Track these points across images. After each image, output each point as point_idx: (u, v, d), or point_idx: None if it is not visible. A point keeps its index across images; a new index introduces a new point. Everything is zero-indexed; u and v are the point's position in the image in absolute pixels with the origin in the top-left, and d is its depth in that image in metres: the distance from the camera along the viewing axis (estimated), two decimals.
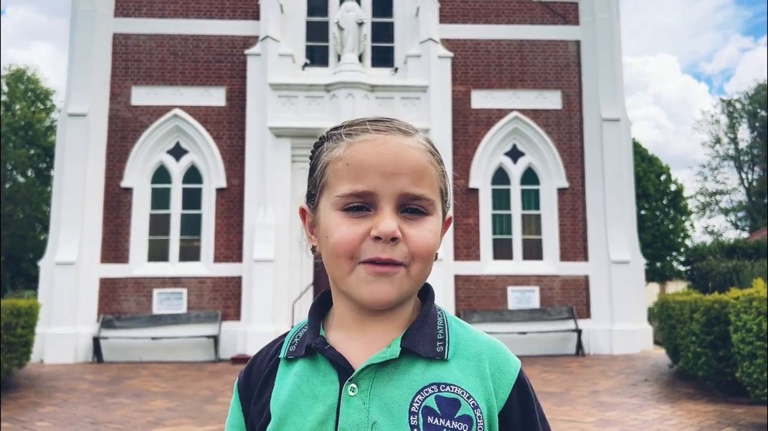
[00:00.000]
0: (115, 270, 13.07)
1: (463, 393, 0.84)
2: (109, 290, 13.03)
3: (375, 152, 0.85)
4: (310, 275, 13.07)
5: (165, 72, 13.68)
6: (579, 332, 12.80)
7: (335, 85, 13.03)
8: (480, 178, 13.62)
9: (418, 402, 0.82)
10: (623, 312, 13.00)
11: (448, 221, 0.95)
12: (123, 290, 13.05)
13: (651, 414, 6.59)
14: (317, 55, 14.25)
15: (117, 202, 13.31)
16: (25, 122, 25.05)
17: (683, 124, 65.20)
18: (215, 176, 13.45)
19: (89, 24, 13.41)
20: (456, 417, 0.81)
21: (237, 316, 12.85)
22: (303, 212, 0.96)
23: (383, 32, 14.35)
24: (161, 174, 13.63)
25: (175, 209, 13.51)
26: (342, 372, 0.85)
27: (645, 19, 76.07)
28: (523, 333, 12.74)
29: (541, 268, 13.49)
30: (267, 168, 12.93)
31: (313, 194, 0.92)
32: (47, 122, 27.04)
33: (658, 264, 28.16)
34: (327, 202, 0.88)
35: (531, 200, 13.87)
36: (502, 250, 13.61)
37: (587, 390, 8.25)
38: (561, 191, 13.74)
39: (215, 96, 13.68)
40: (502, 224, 13.73)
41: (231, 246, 13.22)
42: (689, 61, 77.65)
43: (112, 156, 13.42)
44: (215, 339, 12.53)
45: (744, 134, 37.88)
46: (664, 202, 30.75)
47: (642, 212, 29.14)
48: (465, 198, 13.49)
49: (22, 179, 22.94)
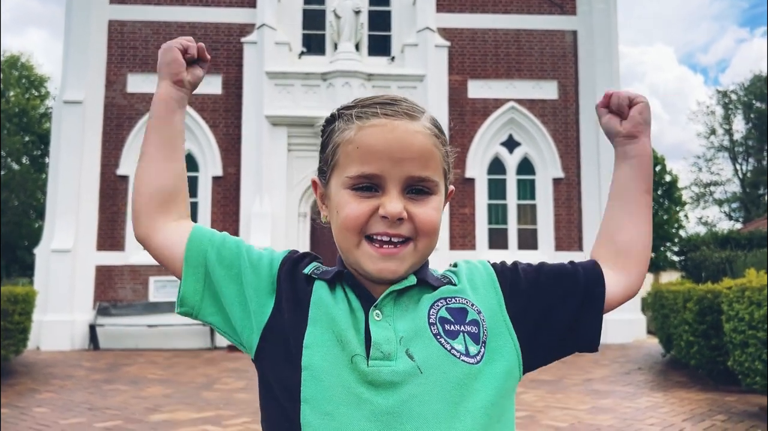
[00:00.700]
0: (112, 258, 13.08)
1: (467, 302, 0.96)
2: (105, 277, 13.05)
3: (383, 138, 0.91)
4: None
5: None
6: None
7: (332, 74, 13.01)
8: (476, 168, 13.66)
9: (433, 315, 0.93)
10: None
11: (450, 193, 1.02)
12: (119, 277, 13.06)
13: (644, 402, 6.67)
14: (314, 44, 14.22)
15: (113, 189, 13.30)
16: (20, 109, 24.94)
17: (679, 114, 65.31)
18: (211, 165, 13.45)
19: (85, 11, 13.33)
20: (467, 321, 0.93)
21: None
22: (315, 184, 1.03)
23: (380, 21, 14.32)
24: None
25: None
26: (364, 301, 0.93)
27: (642, 10, 75.95)
28: None
29: (537, 257, 13.54)
30: (263, 157, 12.93)
31: (325, 171, 0.99)
32: (41, 109, 26.93)
33: (652, 254, 28.34)
34: (338, 180, 0.95)
35: (527, 190, 13.91)
36: (497, 239, 13.67)
37: (581, 379, 8.34)
38: (556, 181, 13.79)
39: (212, 84, 13.64)
40: (497, 213, 13.78)
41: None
42: (685, 52, 77.60)
43: (107, 144, 13.40)
44: (211, 326, 12.54)
45: (739, 125, 37.97)
46: (658, 193, 30.86)
47: None
48: (461, 188, 13.52)
49: (16, 167, 22.86)
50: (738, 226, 34.23)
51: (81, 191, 12.90)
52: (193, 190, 13.55)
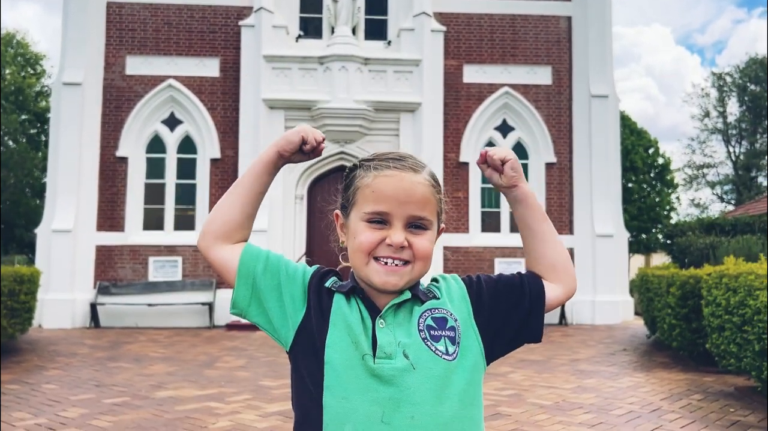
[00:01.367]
0: (111, 238, 13.31)
1: (447, 312, 1.23)
2: (106, 257, 13.29)
3: (393, 185, 1.18)
4: (303, 245, 13.38)
5: (159, 42, 13.75)
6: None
7: (329, 58, 13.15)
8: (470, 152, 13.88)
9: (422, 323, 1.20)
10: (606, 284, 13.44)
11: (441, 230, 1.29)
12: (119, 257, 13.31)
13: (626, 382, 7.01)
14: (311, 27, 14.32)
15: (112, 171, 13.49)
16: (16, 87, 24.93)
17: (675, 95, 65.39)
18: (209, 147, 13.63)
19: None
20: (447, 328, 1.20)
21: (232, 284, 13.14)
22: (337, 216, 1.29)
23: (377, 5, 14.41)
24: (156, 144, 13.79)
25: (170, 179, 13.71)
26: (371, 311, 1.20)
27: None
28: None
29: None
30: (261, 140, 13.11)
31: (346, 206, 1.25)
32: (37, 87, 26.91)
33: (643, 236, 28.66)
34: (356, 214, 1.22)
35: None
36: (490, 223, 13.96)
37: (568, 359, 8.67)
38: (549, 166, 14.04)
39: (209, 67, 13.77)
40: (491, 197, 14.04)
41: None
42: (682, 33, 77.50)
43: (107, 125, 13.55)
44: (210, 306, 12.86)
45: (733, 108, 38.17)
46: (651, 175, 31.12)
47: (629, 185, 29.54)
48: (455, 172, 13.77)
49: (13, 145, 22.93)
50: (730, 208, 34.61)
51: (81, 172, 13.09)
52: (191, 172, 13.77)
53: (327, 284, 1.24)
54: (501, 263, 13.62)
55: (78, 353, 9.11)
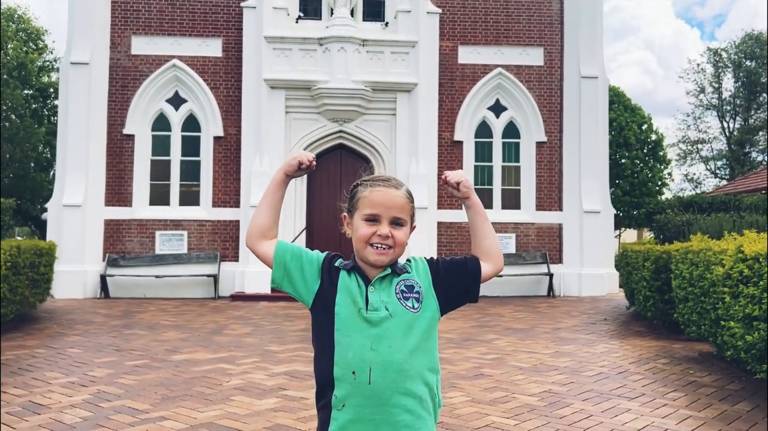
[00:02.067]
0: (119, 213, 13.89)
1: (415, 281, 1.79)
2: (114, 231, 13.88)
3: (382, 197, 1.76)
4: (303, 220, 13.96)
5: (163, 22, 14.16)
6: (551, 275, 13.91)
7: (328, 39, 13.59)
8: (464, 131, 14.41)
9: (397, 288, 1.75)
10: (592, 258, 14.08)
11: (413, 227, 1.85)
12: (127, 231, 13.90)
13: (601, 348, 7.66)
14: (310, 8, 14.71)
15: (119, 148, 14.00)
16: (18, 63, 25.21)
17: (673, 69, 65.46)
18: (213, 125, 14.13)
19: None
20: (414, 291, 1.77)
21: (235, 257, 13.80)
22: (345, 217, 1.87)
23: None
24: (161, 122, 14.29)
25: (175, 156, 14.24)
26: (365, 281, 1.77)
27: None
28: (500, 275, 13.79)
29: (519, 216, 14.48)
30: (262, 118, 13.61)
31: (351, 210, 1.83)
32: (39, 62, 27.18)
33: (635, 212, 29.27)
34: (358, 215, 1.79)
35: (511, 152, 14.71)
36: (483, 199, 14.11)
37: (550, 328, 9.33)
38: (539, 145, 14.58)
39: (212, 47, 14.21)
40: (483, 175, 14.61)
41: (229, 192, 14.05)
42: (682, 6, 77.25)
43: (113, 104, 14.03)
44: (215, 277, 13.49)
45: (728, 84, 38.52)
46: (644, 151, 31.61)
47: (622, 161, 30.07)
48: (450, 150, 14.31)
49: (16, 120, 23.30)
50: (723, 183, 35.18)
51: (89, 150, 13.60)
52: (195, 149, 14.29)
53: (336, 264, 1.81)
54: None
55: (94, 321, 9.74)
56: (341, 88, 13.49)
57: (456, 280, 1.82)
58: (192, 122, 14.35)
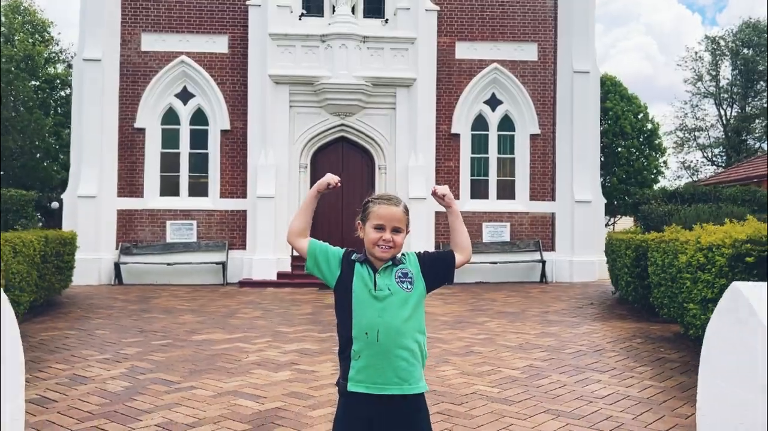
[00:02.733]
0: (132, 203, 14.55)
1: (408, 269, 2.40)
2: (127, 221, 14.55)
3: (385, 212, 2.41)
4: None
5: (172, 20, 14.73)
6: (543, 262, 14.59)
7: (330, 36, 14.17)
8: (461, 124, 15.03)
9: (396, 275, 2.35)
10: (583, 246, 14.76)
11: (407, 232, 2.50)
12: (139, 221, 14.57)
13: (583, 329, 8.35)
14: (312, 4, 15.27)
15: (131, 141, 14.63)
16: (25, 54, 25.74)
17: (675, 56, 65.65)
18: (220, 119, 14.75)
19: None
20: (408, 277, 2.38)
21: (242, 245, 14.48)
22: (359, 224, 2.50)
23: None
24: (170, 116, 14.91)
25: (184, 149, 14.88)
26: (373, 270, 2.40)
27: None
28: (495, 262, 14.49)
29: (513, 206, 15.14)
30: (267, 112, 14.23)
31: (363, 219, 2.47)
32: (45, 54, 27.70)
33: (630, 200, 29.89)
34: (369, 224, 2.42)
35: (506, 144, 15.35)
36: (479, 190, 15.20)
37: (539, 311, 10.02)
38: (533, 137, 15.21)
39: (219, 43, 14.80)
40: (480, 166, 15.25)
41: (236, 183, 14.70)
42: None
43: (124, 99, 14.64)
44: (223, 265, 14.18)
45: (726, 72, 39.00)
46: (640, 140, 32.19)
47: (618, 150, 30.67)
48: (447, 143, 14.94)
49: (24, 111, 23.87)
50: (720, 170, 35.77)
51: (102, 143, 14.23)
52: (203, 142, 14.92)
53: (352, 258, 2.47)
54: (488, 226, 14.91)
55: (114, 306, 10.43)
56: (343, 83, 14.09)
57: (437, 269, 2.48)
58: (200, 116, 14.96)
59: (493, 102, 15.33)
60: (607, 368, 6.08)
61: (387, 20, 15.03)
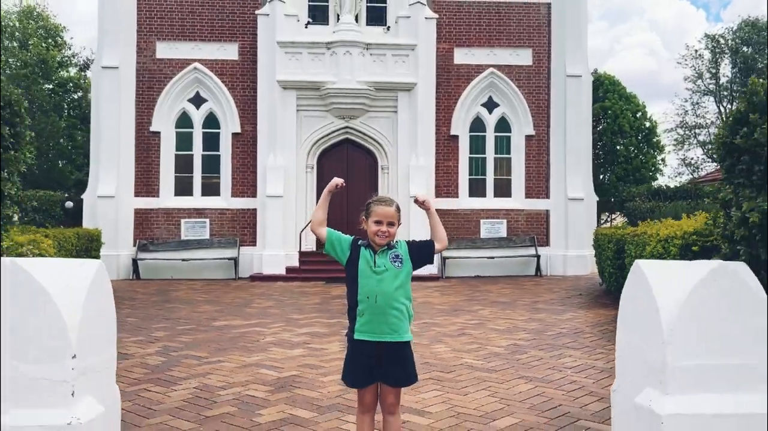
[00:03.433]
0: (148, 203, 15.42)
1: (400, 252, 3.28)
2: (143, 219, 15.41)
3: (382, 211, 3.25)
4: (313, 206, 15.45)
5: (185, 29, 15.58)
6: (538, 257, 15.41)
7: (335, 44, 15.00)
8: (460, 126, 15.84)
9: (390, 256, 3.23)
10: (576, 241, 15.56)
11: (399, 224, 3.33)
12: (155, 219, 15.43)
13: (567, 316, 9.15)
14: (318, 13, 16.11)
15: (147, 144, 15.50)
16: (39, 59, 26.62)
17: (678, 51, 65.76)
18: (231, 122, 15.60)
19: None
20: (399, 258, 3.26)
21: (253, 242, 15.34)
22: (363, 219, 3.34)
23: None
24: (184, 120, 15.77)
25: (197, 151, 15.74)
26: (373, 252, 3.24)
27: None
28: (492, 257, 15.31)
29: (509, 204, 15.95)
30: (275, 116, 15.07)
31: (366, 216, 3.31)
32: (58, 58, 28.58)
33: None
34: (370, 220, 3.27)
35: (503, 145, 16.16)
36: (476, 188, 16.02)
37: (530, 301, 10.83)
38: (529, 138, 16.01)
39: (229, 51, 15.64)
40: (477, 166, 16.07)
41: (246, 183, 15.55)
42: None
43: (141, 104, 15.50)
44: (235, 260, 15.03)
45: (725, 70, 39.63)
46: (638, 138, 32.92)
47: (617, 148, 31.40)
48: (446, 144, 15.75)
49: (42, 116, 24.76)
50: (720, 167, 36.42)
51: (120, 145, 15.10)
52: (215, 144, 15.77)
53: (359, 243, 3.29)
54: (486, 223, 15.72)
55: (136, 298, 11.29)
56: (347, 88, 14.91)
57: (421, 253, 3.32)
58: (212, 120, 15.82)
59: (490, 105, 16.13)
60: (581, 346, 6.90)
61: (389, 28, 15.85)
